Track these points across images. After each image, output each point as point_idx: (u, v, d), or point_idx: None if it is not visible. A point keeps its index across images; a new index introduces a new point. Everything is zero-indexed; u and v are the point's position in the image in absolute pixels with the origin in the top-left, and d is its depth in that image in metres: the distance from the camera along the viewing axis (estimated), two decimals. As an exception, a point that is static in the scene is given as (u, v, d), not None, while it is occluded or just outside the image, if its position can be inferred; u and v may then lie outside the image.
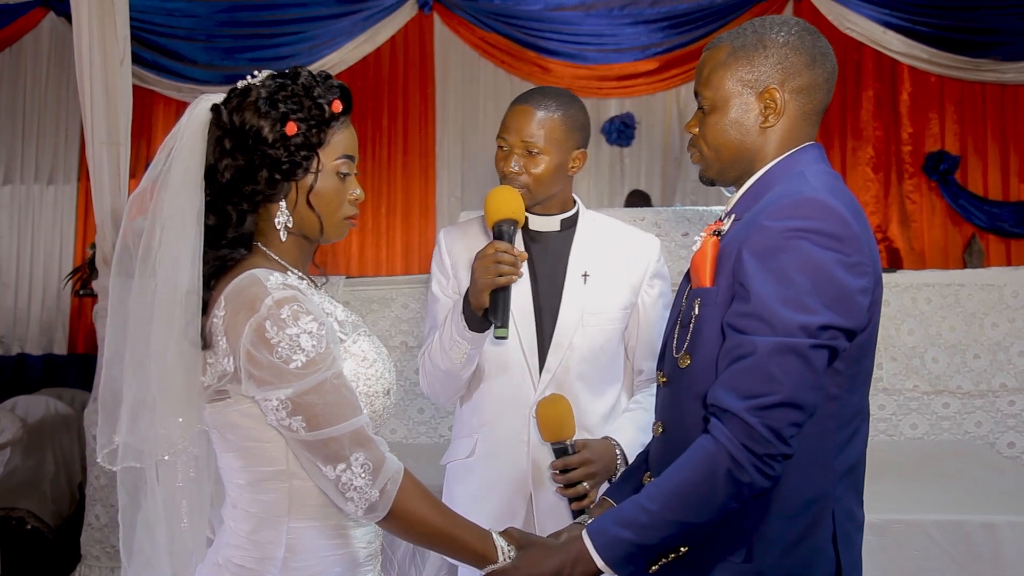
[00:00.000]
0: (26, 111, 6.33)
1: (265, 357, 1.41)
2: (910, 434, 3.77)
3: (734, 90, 1.61)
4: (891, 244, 6.26)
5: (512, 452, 2.19)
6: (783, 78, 1.59)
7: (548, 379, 2.18)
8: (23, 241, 6.27)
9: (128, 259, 1.50)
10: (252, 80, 1.55)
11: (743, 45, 1.61)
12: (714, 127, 1.63)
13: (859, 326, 1.48)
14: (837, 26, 6.04)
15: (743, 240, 1.51)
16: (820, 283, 1.43)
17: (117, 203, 4.01)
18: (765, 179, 1.60)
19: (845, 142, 6.22)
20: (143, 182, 1.53)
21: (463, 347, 2.11)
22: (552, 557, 1.54)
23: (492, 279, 2.00)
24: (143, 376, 1.47)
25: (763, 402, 1.41)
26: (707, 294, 1.56)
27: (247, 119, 1.51)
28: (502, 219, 2.07)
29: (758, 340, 1.43)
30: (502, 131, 2.18)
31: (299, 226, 1.56)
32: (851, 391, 1.53)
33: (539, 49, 6.29)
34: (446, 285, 2.27)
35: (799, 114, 1.61)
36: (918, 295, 3.81)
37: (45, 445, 5.10)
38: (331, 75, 1.60)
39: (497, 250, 2.00)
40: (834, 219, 1.46)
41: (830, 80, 1.63)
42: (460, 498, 2.20)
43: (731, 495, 1.44)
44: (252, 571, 1.51)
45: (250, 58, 6.07)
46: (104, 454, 1.49)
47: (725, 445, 1.42)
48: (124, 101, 4.00)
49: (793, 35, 1.60)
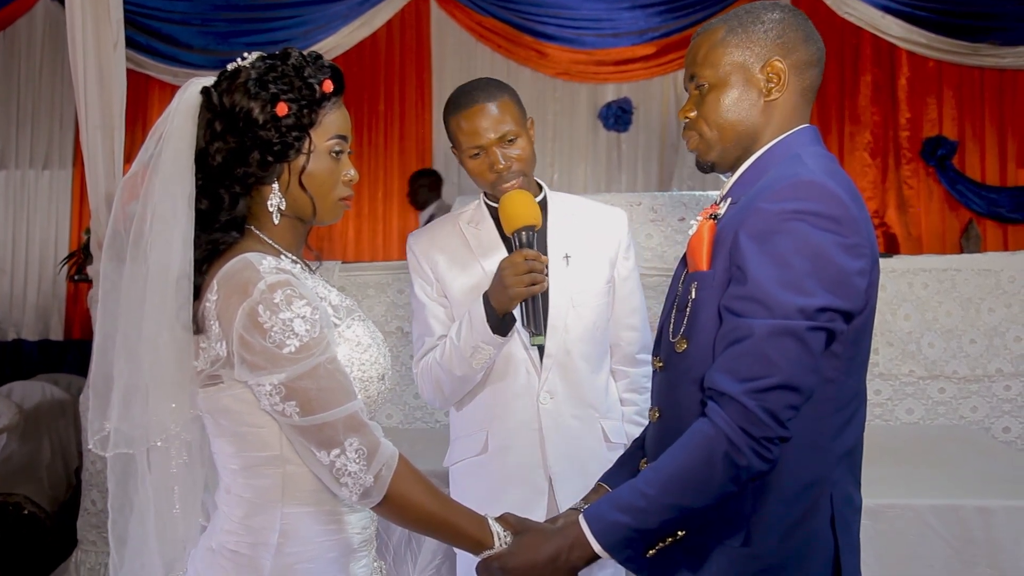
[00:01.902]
0: (20, 96, 6.30)
1: (258, 342, 1.40)
2: (906, 419, 3.78)
3: (735, 66, 1.60)
4: (888, 229, 6.25)
5: (526, 442, 2.21)
6: (784, 51, 1.59)
7: (551, 364, 2.20)
8: (19, 227, 6.26)
9: (120, 244, 1.48)
10: (242, 62, 1.53)
11: (740, 23, 1.61)
12: (716, 105, 1.61)
13: (857, 308, 1.48)
14: (836, 11, 6.02)
15: (740, 223, 1.50)
16: (818, 265, 1.43)
17: (112, 188, 3.99)
18: (761, 162, 1.60)
19: (843, 127, 6.21)
20: (134, 166, 1.52)
21: (487, 352, 2.13)
22: (549, 542, 1.54)
23: (526, 289, 2.01)
24: (135, 361, 1.46)
25: (760, 385, 1.41)
26: (704, 278, 1.56)
27: (237, 101, 1.49)
28: (523, 226, 2.07)
29: (755, 323, 1.42)
30: (472, 139, 2.16)
31: (292, 208, 1.54)
32: (848, 374, 1.52)
33: (536, 34, 6.27)
34: (431, 290, 2.28)
35: (799, 89, 1.61)
36: (914, 280, 3.81)
37: (41, 431, 5.10)
38: (321, 55, 1.58)
39: (527, 258, 2.02)
40: (832, 201, 1.45)
41: (822, 59, 1.63)
42: (475, 496, 2.18)
43: (729, 478, 1.43)
44: (246, 556, 1.50)
45: (245, 42, 6.04)
46: (95, 440, 1.47)
47: (723, 428, 1.42)
48: (118, 85, 3.97)
49: (787, 13, 1.62)
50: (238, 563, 1.50)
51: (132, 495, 1.52)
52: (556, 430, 2.19)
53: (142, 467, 1.49)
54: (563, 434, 2.20)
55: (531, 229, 2.07)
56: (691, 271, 1.60)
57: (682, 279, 1.64)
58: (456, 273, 2.26)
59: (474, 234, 2.28)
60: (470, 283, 2.24)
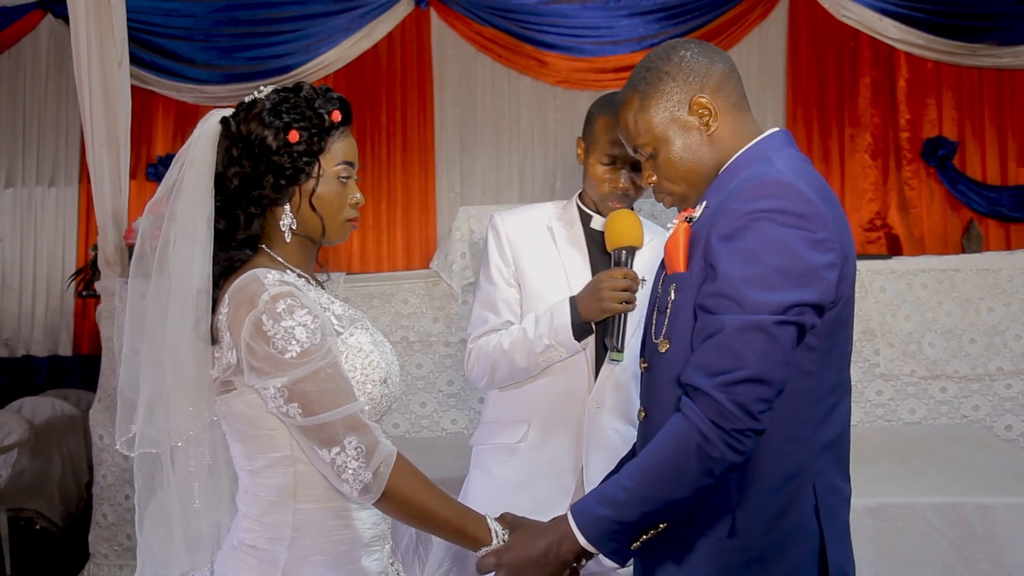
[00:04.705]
0: (26, 114, 6.33)
1: (262, 348, 1.52)
2: (908, 419, 3.79)
3: (666, 121, 1.67)
4: (891, 231, 6.25)
5: (565, 442, 2.26)
6: (700, 85, 1.66)
7: (606, 376, 2.25)
8: (26, 244, 6.29)
9: (145, 262, 1.62)
10: (258, 95, 1.67)
11: (647, 84, 1.68)
12: (669, 163, 1.68)
13: (827, 301, 1.51)
14: (833, 14, 6.03)
15: (712, 224, 1.55)
16: (785, 261, 1.47)
17: (118, 204, 4.03)
18: (734, 167, 1.65)
19: (843, 129, 6.21)
20: (159, 191, 1.65)
21: (559, 353, 2.18)
22: (542, 537, 1.59)
23: (619, 305, 2.08)
24: (159, 370, 1.58)
25: (729, 378, 1.45)
26: (682, 279, 1.61)
27: (253, 129, 1.62)
28: (626, 245, 2.14)
29: (726, 319, 1.47)
30: (613, 147, 2.21)
31: (303, 228, 1.67)
32: (826, 366, 1.56)
33: (536, 43, 6.29)
34: (507, 272, 2.31)
35: (730, 106, 1.67)
36: (914, 281, 3.83)
37: (52, 446, 5.14)
38: (331, 88, 1.70)
39: (627, 277, 2.09)
40: (797, 198, 1.50)
41: (733, 67, 1.70)
42: (501, 481, 2.26)
43: (703, 471, 1.47)
44: (264, 551, 1.61)
45: (248, 57, 6.07)
46: (122, 442, 1.60)
47: (695, 421, 1.46)
48: (123, 103, 4.02)
49: (679, 50, 1.68)
50: (258, 557, 1.62)
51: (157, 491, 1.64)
52: (596, 438, 2.24)
53: (166, 466, 1.62)
54: (601, 443, 2.24)
55: (633, 250, 2.14)
56: (669, 273, 1.65)
57: (661, 281, 1.68)
58: (537, 265, 2.30)
59: (562, 233, 2.33)
60: (547, 279, 2.28)
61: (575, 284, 2.23)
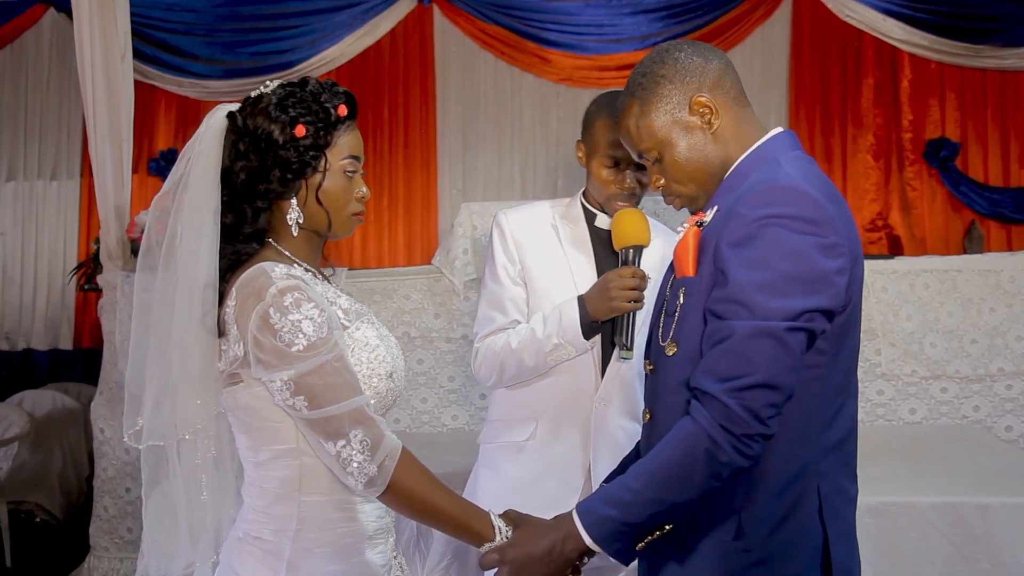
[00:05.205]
0: (28, 107, 6.33)
1: (269, 341, 1.53)
2: (909, 419, 3.80)
3: (667, 124, 1.67)
4: (892, 231, 6.25)
5: (572, 440, 2.27)
6: (697, 85, 1.66)
7: (613, 374, 2.26)
8: (27, 237, 6.29)
9: (152, 256, 1.63)
10: (264, 89, 1.67)
11: (645, 89, 1.68)
12: (675, 165, 1.68)
13: (837, 306, 1.51)
14: (837, 14, 6.03)
15: (721, 229, 1.55)
16: (796, 267, 1.47)
17: (120, 198, 4.03)
18: (741, 168, 1.65)
19: (845, 130, 6.21)
20: (165, 185, 1.65)
21: (567, 352, 2.19)
22: (545, 535, 1.59)
23: (628, 304, 2.10)
24: (166, 362, 1.59)
25: (740, 383, 1.45)
26: (690, 283, 1.60)
27: (259, 123, 1.63)
28: (633, 244, 2.15)
29: (736, 324, 1.47)
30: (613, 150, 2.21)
31: (310, 222, 1.67)
32: (834, 369, 1.56)
33: (539, 40, 6.29)
34: (512, 271, 2.31)
35: (730, 102, 1.67)
36: (916, 281, 3.83)
37: (52, 439, 5.15)
38: (336, 83, 1.70)
39: (636, 275, 2.10)
40: (807, 203, 1.50)
41: (728, 63, 1.70)
42: (509, 479, 2.27)
43: (711, 474, 1.48)
44: (269, 542, 1.62)
45: (251, 52, 6.07)
46: (129, 434, 1.61)
47: (704, 426, 1.47)
48: (126, 97, 4.03)
49: (673, 52, 1.69)
50: (263, 548, 1.62)
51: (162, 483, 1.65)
52: (603, 436, 2.25)
53: (172, 458, 1.63)
54: (608, 441, 2.25)
55: (640, 248, 2.15)
56: (678, 277, 1.64)
57: (670, 285, 1.68)
58: (542, 264, 2.31)
59: (566, 231, 2.33)
60: (553, 277, 2.29)
61: (581, 282, 2.24)
